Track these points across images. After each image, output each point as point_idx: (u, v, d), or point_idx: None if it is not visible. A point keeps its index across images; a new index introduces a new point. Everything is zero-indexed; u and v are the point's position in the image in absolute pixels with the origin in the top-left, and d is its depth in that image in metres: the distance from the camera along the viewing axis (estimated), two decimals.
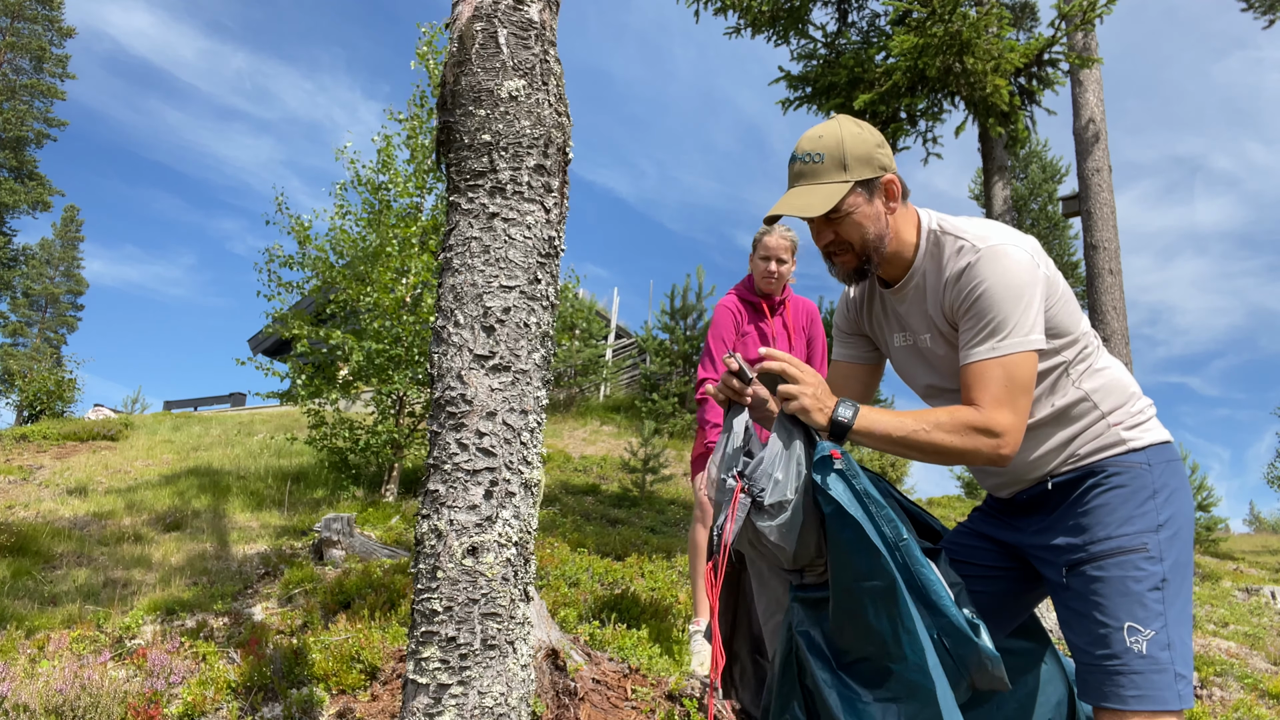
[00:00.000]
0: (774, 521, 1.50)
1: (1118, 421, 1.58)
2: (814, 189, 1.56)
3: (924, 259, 1.63)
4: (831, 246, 1.62)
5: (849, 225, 1.57)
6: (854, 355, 1.89)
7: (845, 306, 1.91)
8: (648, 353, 13.96)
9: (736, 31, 7.00)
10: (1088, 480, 1.56)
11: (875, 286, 1.78)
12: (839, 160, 1.56)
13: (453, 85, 1.58)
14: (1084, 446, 1.58)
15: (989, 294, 1.49)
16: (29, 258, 35.07)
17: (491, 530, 1.44)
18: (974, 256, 1.52)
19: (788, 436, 1.54)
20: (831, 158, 1.56)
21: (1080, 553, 1.52)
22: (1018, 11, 8.84)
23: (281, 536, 5.70)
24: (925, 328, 1.66)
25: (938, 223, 1.63)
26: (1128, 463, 1.55)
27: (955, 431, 1.47)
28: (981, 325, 1.49)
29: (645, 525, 6.67)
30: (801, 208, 1.55)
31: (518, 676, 1.46)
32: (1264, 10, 9.44)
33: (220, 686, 2.56)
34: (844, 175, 1.55)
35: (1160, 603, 1.44)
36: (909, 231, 1.64)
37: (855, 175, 1.56)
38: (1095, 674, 1.46)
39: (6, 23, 31.50)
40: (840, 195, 1.54)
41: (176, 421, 13.59)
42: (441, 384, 1.49)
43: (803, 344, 3.43)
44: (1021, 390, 1.46)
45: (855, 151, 1.57)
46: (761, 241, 3.30)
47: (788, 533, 1.49)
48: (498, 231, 1.52)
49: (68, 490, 7.50)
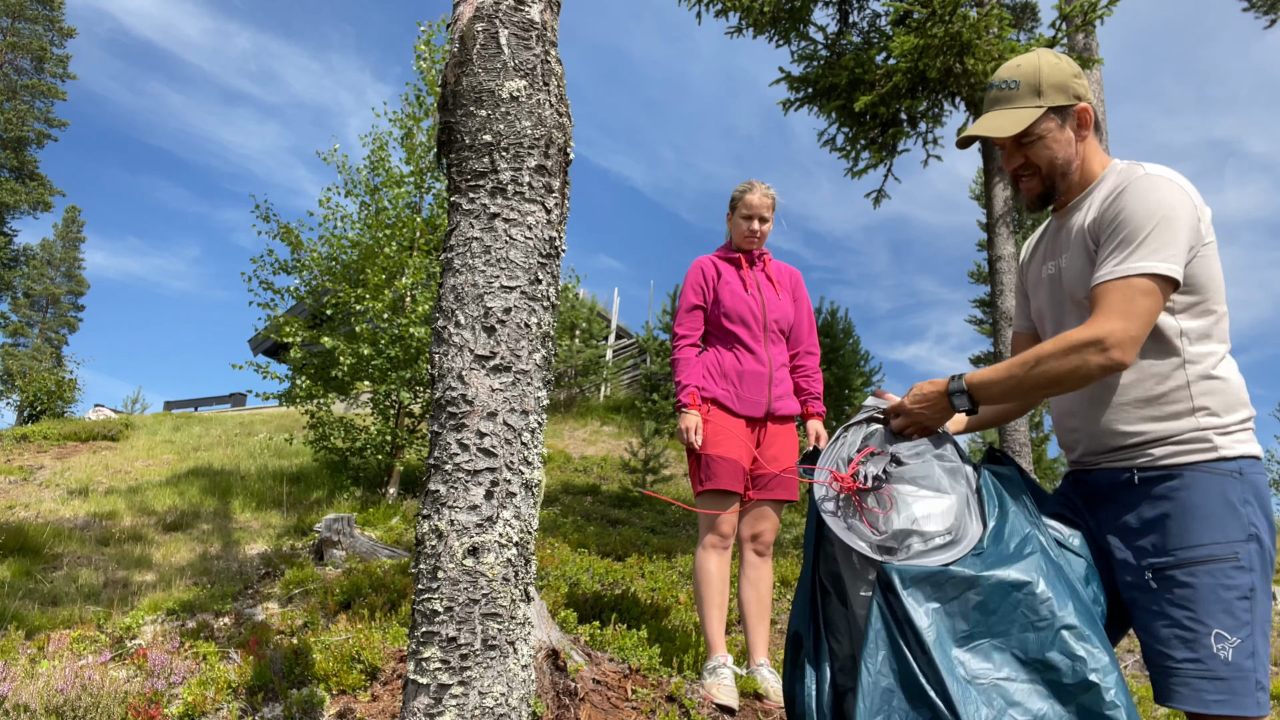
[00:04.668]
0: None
1: (1209, 425, 1.55)
2: (1007, 113, 1.64)
3: (1101, 182, 1.66)
4: (1020, 170, 1.68)
5: (1039, 149, 1.64)
6: (1026, 324, 1.91)
7: (1022, 262, 1.93)
8: (648, 353, 13.96)
9: (738, 31, 7.00)
10: (1175, 480, 1.54)
11: (1052, 216, 1.80)
12: (1034, 87, 1.63)
13: (454, 85, 1.58)
14: (1164, 438, 1.56)
15: (1130, 210, 1.51)
16: (30, 258, 35.08)
17: (492, 530, 1.44)
18: (1141, 174, 1.55)
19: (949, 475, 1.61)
20: (1027, 84, 1.63)
21: (1168, 556, 1.51)
22: (1018, 12, 8.85)
23: (282, 537, 5.71)
24: (1071, 247, 1.67)
25: (1126, 162, 1.66)
26: (1220, 469, 1.53)
27: (1060, 354, 1.49)
28: (1115, 242, 1.52)
29: (645, 526, 6.67)
30: (994, 129, 1.63)
31: (518, 677, 1.46)
32: (1265, 10, 9.44)
33: (221, 687, 2.56)
34: (1037, 101, 1.62)
35: (1248, 611, 1.45)
36: (1095, 163, 1.68)
37: (1049, 101, 1.62)
38: (1177, 678, 1.47)
39: (7, 23, 31.53)
40: (1032, 119, 1.61)
41: (177, 422, 13.60)
42: (442, 384, 1.49)
43: (788, 298, 3.27)
44: (1137, 306, 1.46)
45: (1051, 79, 1.63)
46: (743, 199, 3.19)
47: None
48: (499, 232, 1.52)
49: (68, 490, 7.50)
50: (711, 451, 2.97)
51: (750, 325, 3.13)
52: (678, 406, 3.08)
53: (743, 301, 3.14)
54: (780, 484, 3.05)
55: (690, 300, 3.20)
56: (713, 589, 2.93)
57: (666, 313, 12.88)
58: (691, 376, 3.08)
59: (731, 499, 2.97)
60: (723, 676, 2.81)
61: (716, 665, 2.85)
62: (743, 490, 3.00)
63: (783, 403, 3.12)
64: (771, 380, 3.11)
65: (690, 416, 3.01)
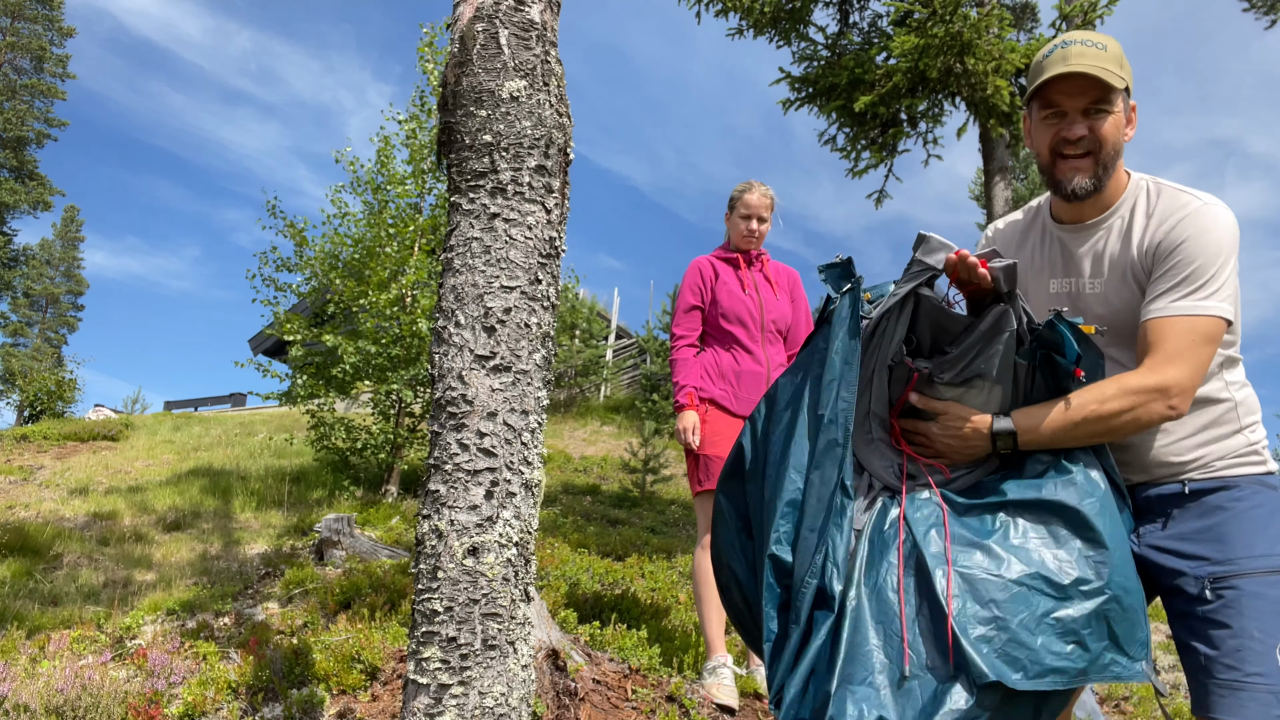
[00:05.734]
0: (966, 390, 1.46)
1: (1256, 441, 1.53)
2: (1103, 69, 1.47)
3: (1130, 202, 1.56)
4: (1081, 145, 1.51)
5: (1108, 124, 1.50)
6: None
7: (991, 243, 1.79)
8: (648, 353, 13.96)
9: (739, 33, 7.00)
10: (1233, 490, 1.49)
11: (1040, 224, 1.70)
12: (1119, 58, 1.51)
13: (454, 86, 1.58)
14: (1219, 457, 1.51)
15: (1196, 243, 1.43)
16: (29, 258, 35.08)
17: (492, 530, 1.44)
18: (1198, 205, 1.47)
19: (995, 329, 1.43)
20: (1114, 52, 1.51)
21: (1230, 565, 1.44)
22: (1018, 12, 8.85)
23: (282, 537, 5.71)
24: (1105, 271, 1.57)
25: (1154, 178, 1.58)
26: (1272, 483, 1.50)
27: (1122, 397, 1.40)
28: (1181, 277, 1.43)
29: (646, 526, 6.67)
30: (1102, 72, 1.46)
31: (518, 677, 1.46)
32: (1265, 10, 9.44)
33: (221, 687, 2.56)
34: (1121, 72, 1.50)
35: None
36: (1122, 174, 1.58)
37: (1127, 79, 1.52)
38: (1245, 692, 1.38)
39: (7, 23, 31.53)
40: (1123, 84, 1.49)
41: (177, 422, 13.60)
42: (442, 384, 1.49)
43: (786, 299, 3.27)
44: (1201, 354, 1.41)
45: (1125, 61, 1.53)
46: (741, 199, 3.20)
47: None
48: (499, 232, 1.52)
49: (69, 490, 7.50)
50: (710, 451, 2.98)
51: (748, 325, 3.14)
52: (676, 407, 3.08)
53: (740, 302, 3.14)
54: None
55: (688, 300, 3.21)
56: (712, 589, 2.93)
57: (666, 313, 12.89)
58: (689, 377, 3.09)
59: None
60: (723, 676, 2.81)
61: (716, 665, 2.85)
62: None
63: None
64: (769, 380, 3.11)
65: (688, 417, 3.01)
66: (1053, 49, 1.54)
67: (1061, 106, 1.52)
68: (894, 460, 1.50)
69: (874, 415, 1.51)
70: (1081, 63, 1.47)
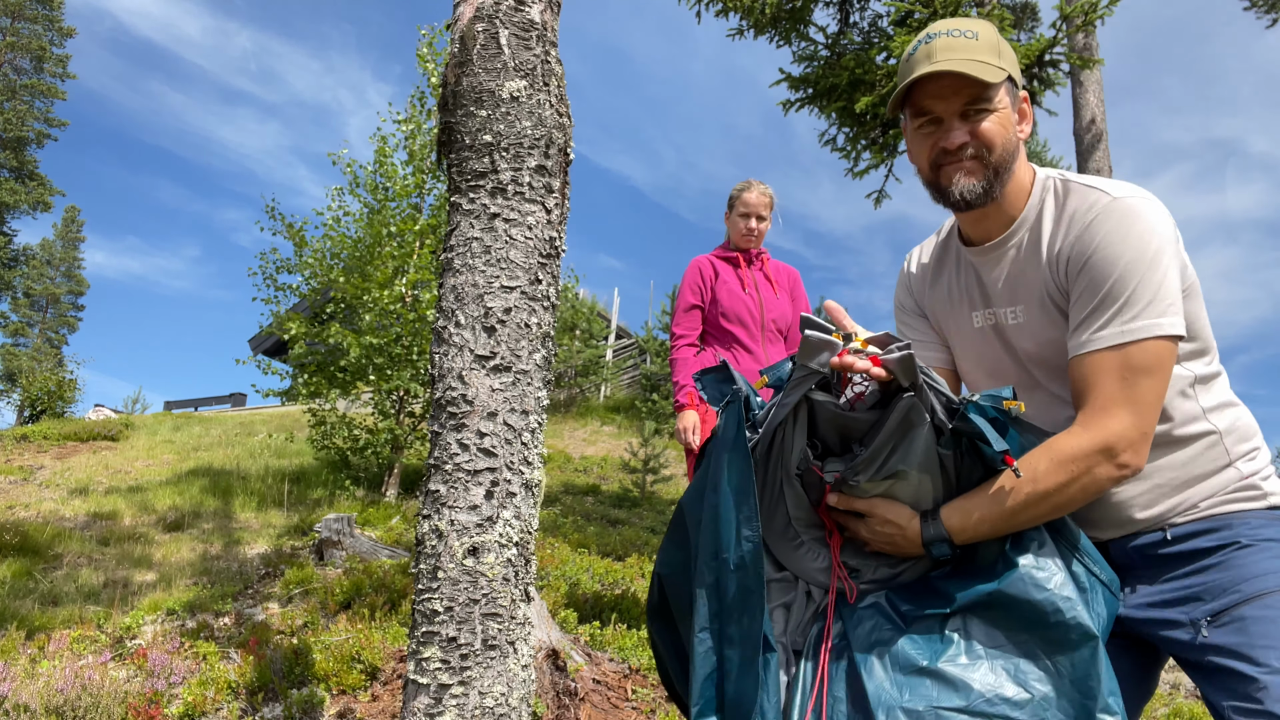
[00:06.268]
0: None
1: (1253, 472, 1.29)
2: (973, 63, 1.24)
3: (1036, 208, 1.32)
4: (965, 149, 1.28)
5: (993, 123, 1.27)
6: (927, 355, 1.54)
7: (906, 279, 1.57)
8: (648, 353, 13.97)
9: (739, 33, 7.00)
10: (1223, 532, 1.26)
11: (953, 249, 1.47)
12: (994, 45, 1.27)
13: (454, 86, 1.58)
14: (1206, 496, 1.28)
15: (1109, 250, 1.18)
16: (30, 258, 35.10)
17: (492, 530, 1.44)
18: (1107, 201, 1.22)
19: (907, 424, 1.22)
20: (987, 39, 1.27)
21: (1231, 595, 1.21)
22: (1019, 12, 8.85)
23: (282, 536, 5.71)
24: (1022, 297, 1.34)
25: (1060, 173, 1.33)
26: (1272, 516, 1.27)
27: (1058, 469, 1.16)
28: (1099, 297, 1.19)
29: (646, 526, 6.67)
30: (973, 66, 1.23)
31: (518, 677, 1.46)
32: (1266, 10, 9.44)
33: (221, 687, 2.56)
34: (999, 61, 1.26)
35: None
36: (1024, 174, 1.33)
37: (1009, 68, 1.28)
38: None
39: (7, 23, 31.54)
40: (1001, 78, 1.25)
41: (177, 422, 13.60)
42: (442, 384, 1.49)
43: (786, 298, 3.27)
44: (1144, 391, 1.16)
45: (1005, 47, 1.29)
46: (740, 198, 3.21)
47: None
48: (499, 232, 1.52)
49: (69, 490, 7.50)
50: None
51: (748, 325, 3.14)
52: (676, 406, 3.09)
53: (740, 301, 3.15)
54: None
55: (688, 300, 3.21)
56: None
57: (666, 313, 12.90)
58: (689, 376, 3.09)
59: None
60: None
61: None
62: None
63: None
64: None
65: (688, 416, 3.01)
66: (916, 45, 1.31)
67: (934, 112, 1.30)
68: (830, 557, 1.31)
69: (796, 520, 1.33)
70: (948, 59, 1.25)
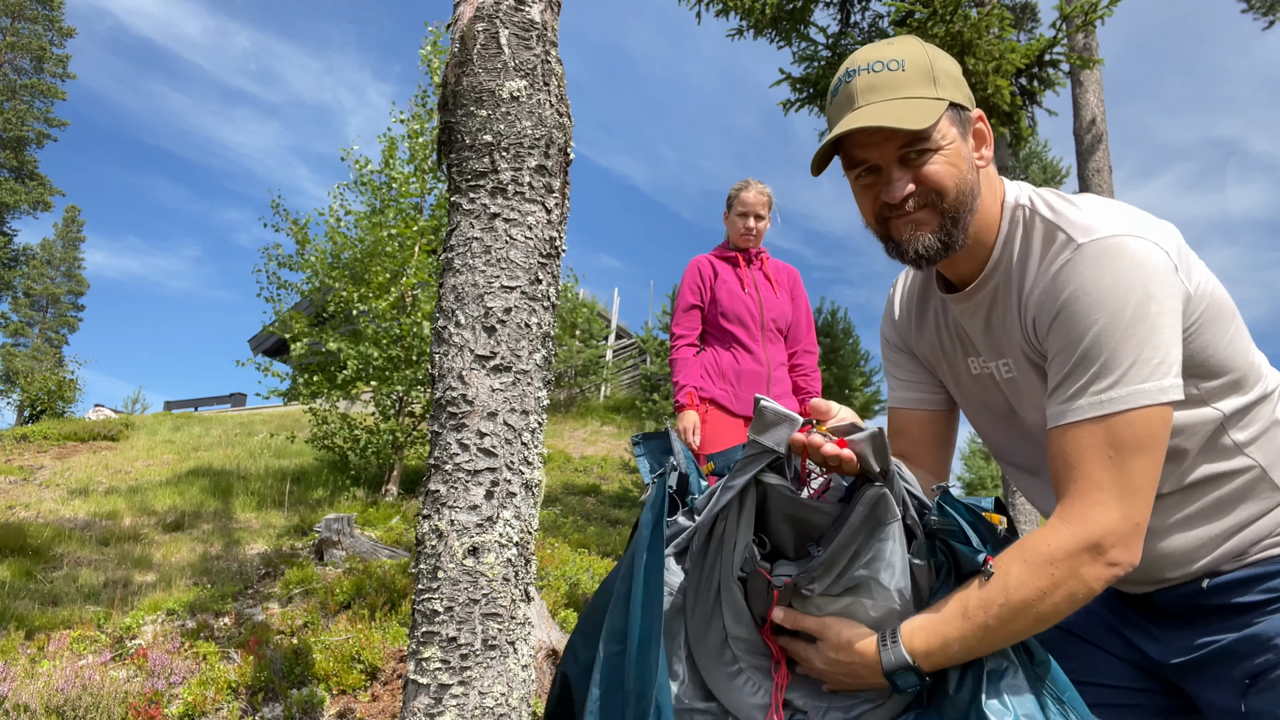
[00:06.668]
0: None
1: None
2: (901, 103, 1.07)
3: (1008, 245, 1.14)
4: (912, 200, 1.10)
5: (940, 164, 1.08)
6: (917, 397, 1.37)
7: (892, 316, 1.41)
8: (648, 353, 13.96)
9: (739, 33, 7.00)
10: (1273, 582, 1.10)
11: (932, 290, 1.30)
12: (925, 70, 1.09)
13: (454, 85, 1.58)
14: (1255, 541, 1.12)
15: (1086, 310, 0.99)
16: (30, 258, 35.10)
17: (492, 530, 1.44)
18: (1074, 248, 1.02)
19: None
20: (916, 66, 1.09)
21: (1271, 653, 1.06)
22: (1019, 12, 8.85)
23: (282, 537, 5.71)
24: (1007, 351, 1.16)
25: (1029, 198, 1.14)
26: None
27: (1036, 575, 0.96)
28: (1071, 362, 1.01)
29: None
30: (895, 117, 1.05)
31: (518, 677, 1.46)
32: (1264, 11, 9.44)
33: (221, 687, 2.56)
34: (934, 90, 1.08)
35: None
36: (992, 205, 1.15)
37: (947, 94, 1.09)
38: None
39: (7, 23, 31.54)
40: (939, 112, 1.06)
41: (177, 422, 13.60)
42: (442, 384, 1.49)
43: (786, 297, 3.27)
44: (1134, 470, 0.98)
45: (942, 65, 1.11)
46: (738, 197, 3.21)
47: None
48: (499, 232, 1.52)
49: (69, 490, 7.50)
50: (711, 452, 2.98)
51: (748, 324, 3.14)
52: (676, 407, 3.09)
53: (740, 301, 3.15)
54: None
55: (687, 300, 3.22)
56: None
57: (666, 313, 12.90)
58: (689, 376, 3.09)
59: None
60: None
61: None
62: None
63: (781, 402, 3.13)
64: (769, 379, 3.11)
65: (688, 416, 3.02)
66: (837, 85, 1.14)
67: (869, 160, 1.11)
68: (770, 691, 1.09)
69: (735, 641, 1.11)
70: (869, 106, 1.08)
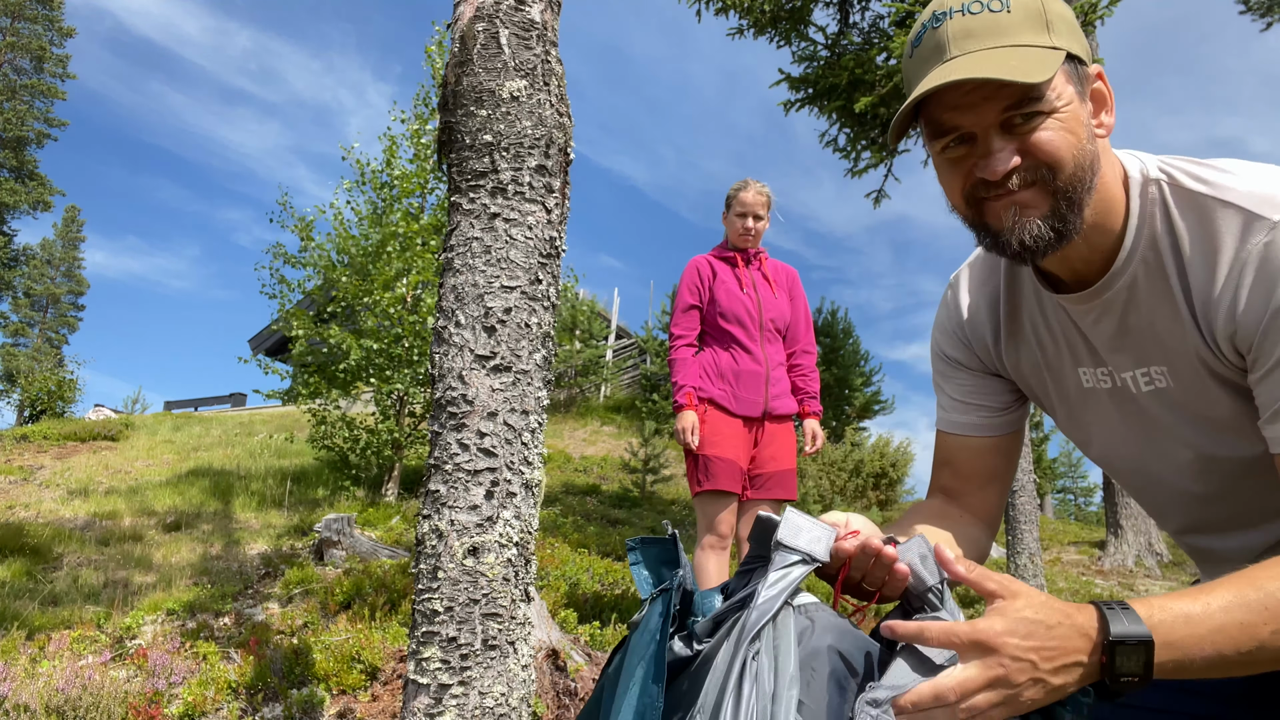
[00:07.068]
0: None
1: None
2: (1008, 50, 0.83)
3: (1141, 233, 0.90)
4: (1017, 176, 0.86)
5: (1053, 131, 0.84)
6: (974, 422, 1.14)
7: (957, 327, 1.14)
8: (648, 353, 13.97)
9: (739, 33, 7.00)
10: None
11: (1028, 289, 1.06)
12: (1036, 12, 0.84)
13: (454, 85, 1.58)
14: None
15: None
16: (30, 258, 35.11)
17: (492, 530, 1.44)
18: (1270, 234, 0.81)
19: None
20: (1024, 6, 0.84)
21: None
22: None
23: (282, 537, 5.71)
24: (1157, 357, 0.94)
25: (1160, 169, 0.90)
26: None
27: None
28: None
29: (646, 526, 6.67)
30: (1003, 67, 0.81)
31: (518, 677, 1.46)
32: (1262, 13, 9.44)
33: (221, 687, 2.56)
34: (1048, 38, 0.84)
35: None
36: (1115, 181, 0.91)
37: (1063, 42, 0.84)
38: None
39: (7, 23, 31.53)
40: (1055, 64, 0.82)
41: (177, 422, 13.60)
42: (443, 384, 1.49)
43: (785, 297, 3.26)
44: None
45: (1056, 9, 0.86)
46: (737, 197, 3.21)
47: None
48: (499, 232, 1.52)
49: (69, 490, 7.50)
50: (709, 452, 2.98)
51: (746, 324, 3.14)
52: (675, 407, 3.09)
53: (739, 301, 3.15)
54: (778, 484, 3.06)
55: (686, 300, 3.22)
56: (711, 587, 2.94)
57: (666, 313, 12.91)
58: (688, 377, 3.09)
59: (729, 499, 2.98)
60: None
61: None
62: (740, 490, 3.01)
63: (780, 402, 3.13)
64: (768, 379, 3.11)
65: (687, 417, 3.02)
66: (920, 32, 0.89)
67: (962, 127, 0.87)
68: None
69: None
70: (966, 55, 0.84)
